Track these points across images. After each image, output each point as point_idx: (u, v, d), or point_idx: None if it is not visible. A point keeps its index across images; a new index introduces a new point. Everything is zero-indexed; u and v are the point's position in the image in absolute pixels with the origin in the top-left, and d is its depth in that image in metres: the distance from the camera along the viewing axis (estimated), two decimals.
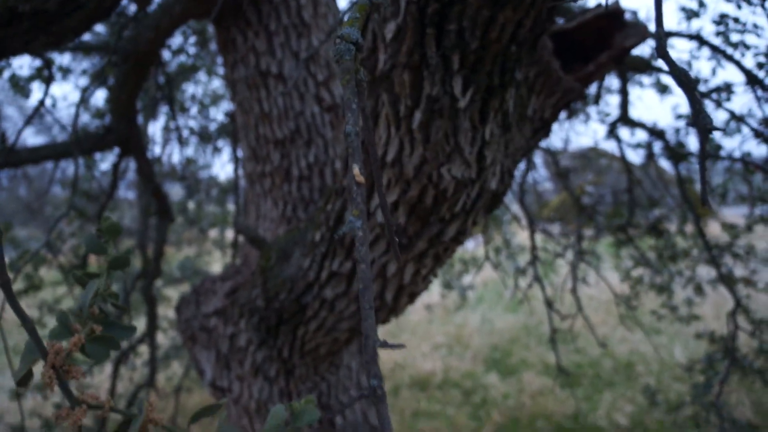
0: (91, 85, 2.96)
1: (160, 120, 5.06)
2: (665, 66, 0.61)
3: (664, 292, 4.10)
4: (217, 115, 5.38)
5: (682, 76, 0.71)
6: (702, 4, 2.79)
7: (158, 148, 5.62)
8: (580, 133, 10.37)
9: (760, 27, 2.64)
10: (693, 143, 3.88)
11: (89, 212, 3.63)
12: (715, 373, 3.32)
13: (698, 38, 2.98)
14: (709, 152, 3.39)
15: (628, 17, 1.60)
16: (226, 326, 2.08)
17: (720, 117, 4.12)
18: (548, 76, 1.49)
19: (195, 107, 5.15)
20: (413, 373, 6.38)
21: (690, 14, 2.86)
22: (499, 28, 1.17)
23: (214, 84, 5.36)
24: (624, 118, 3.66)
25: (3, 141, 2.57)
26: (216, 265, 6.45)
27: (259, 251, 2.04)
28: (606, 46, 1.59)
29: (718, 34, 2.80)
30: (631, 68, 3.46)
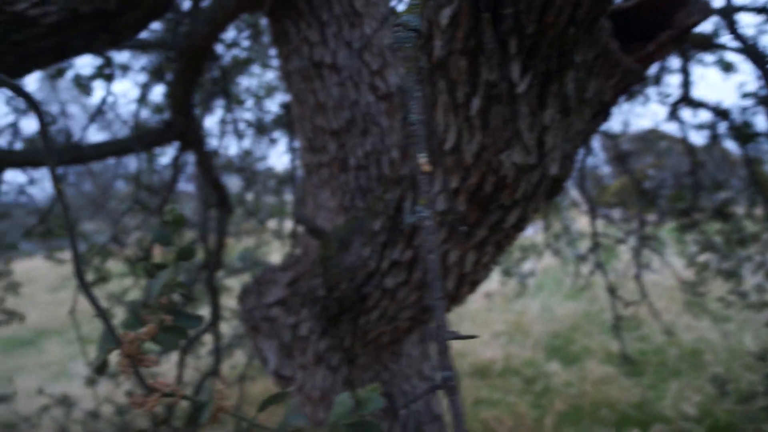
0: (150, 82, 3.03)
1: (216, 113, 5.14)
2: (732, 43, 0.58)
3: (733, 277, 3.96)
4: (272, 106, 5.44)
5: (754, 52, 0.67)
6: None
7: (215, 141, 5.72)
8: (640, 115, 10.11)
9: None
10: (762, 123, 3.72)
11: (151, 205, 3.72)
12: None
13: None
14: None
15: None
16: (288, 316, 2.10)
17: None
18: (607, 58, 1.44)
19: (250, 99, 5.22)
20: (474, 361, 6.36)
21: None
22: (556, 11, 1.14)
23: (269, 76, 5.42)
24: (686, 99, 3.54)
25: (68, 139, 2.65)
26: (275, 255, 6.54)
27: (318, 241, 2.05)
28: (667, 24, 1.53)
29: None
30: (692, 46, 3.34)
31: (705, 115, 7.08)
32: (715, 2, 1.54)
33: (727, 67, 3.82)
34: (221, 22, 2.41)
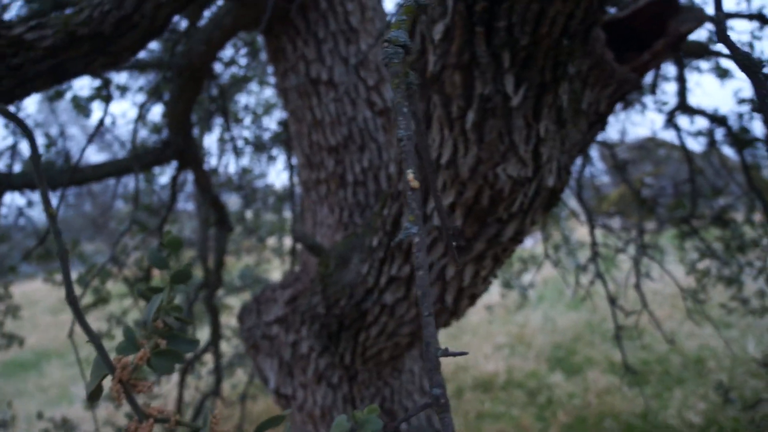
0: (148, 102, 3.04)
1: (215, 131, 5.16)
2: (726, 50, 0.59)
3: (734, 284, 3.95)
4: (271, 124, 5.45)
5: (744, 60, 0.68)
6: None
7: (214, 160, 5.73)
8: (637, 123, 10.13)
9: None
10: (758, 128, 3.74)
11: (151, 225, 3.73)
12: None
13: (760, 17, 2.87)
14: None
15: (682, 1, 1.54)
16: (288, 334, 2.10)
17: None
18: (602, 68, 1.45)
19: (248, 117, 5.23)
20: (476, 374, 6.33)
21: None
22: (549, 22, 1.14)
23: (266, 93, 5.44)
24: (683, 106, 3.55)
25: (67, 160, 2.65)
26: (275, 272, 6.54)
27: (317, 258, 2.05)
28: (661, 33, 1.54)
29: None
30: (688, 54, 3.35)
31: (702, 122, 7.10)
32: (707, 10, 1.55)
33: (723, 74, 3.84)
34: (218, 41, 2.43)
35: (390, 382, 2.10)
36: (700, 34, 3.38)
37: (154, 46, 4.03)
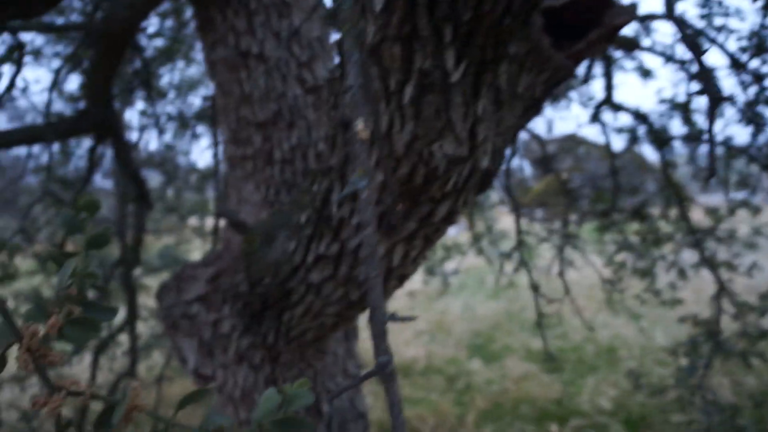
0: (65, 67, 2.87)
1: (137, 106, 4.96)
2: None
3: (647, 276, 4.10)
4: (195, 100, 5.30)
5: (691, 41, 0.67)
6: None
7: (135, 134, 5.51)
8: (562, 118, 10.40)
9: (742, 11, 2.63)
10: (676, 128, 3.87)
11: (65, 199, 3.54)
12: (699, 357, 3.33)
13: (679, 21, 2.96)
14: (694, 135, 3.38)
15: None
16: (209, 313, 2.03)
17: (702, 102, 4.12)
18: (539, 53, 1.44)
19: (173, 92, 5.06)
20: (396, 359, 6.31)
21: None
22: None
23: (192, 70, 5.27)
24: (608, 101, 3.64)
25: None
26: (196, 253, 6.37)
27: (241, 236, 1.98)
28: (596, 24, 1.55)
29: (702, 17, 2.78)
30: (619, 46, 3.43)
31: (625, 119, 7.33)
32: (639, 7, 1.57)
33: (646, 73, 3.96)
34: (143, 6, 2.31)
35: (313, 364, 2.06)
36: (627, 31, 3.46)
37: (74, 10, 3.82)
